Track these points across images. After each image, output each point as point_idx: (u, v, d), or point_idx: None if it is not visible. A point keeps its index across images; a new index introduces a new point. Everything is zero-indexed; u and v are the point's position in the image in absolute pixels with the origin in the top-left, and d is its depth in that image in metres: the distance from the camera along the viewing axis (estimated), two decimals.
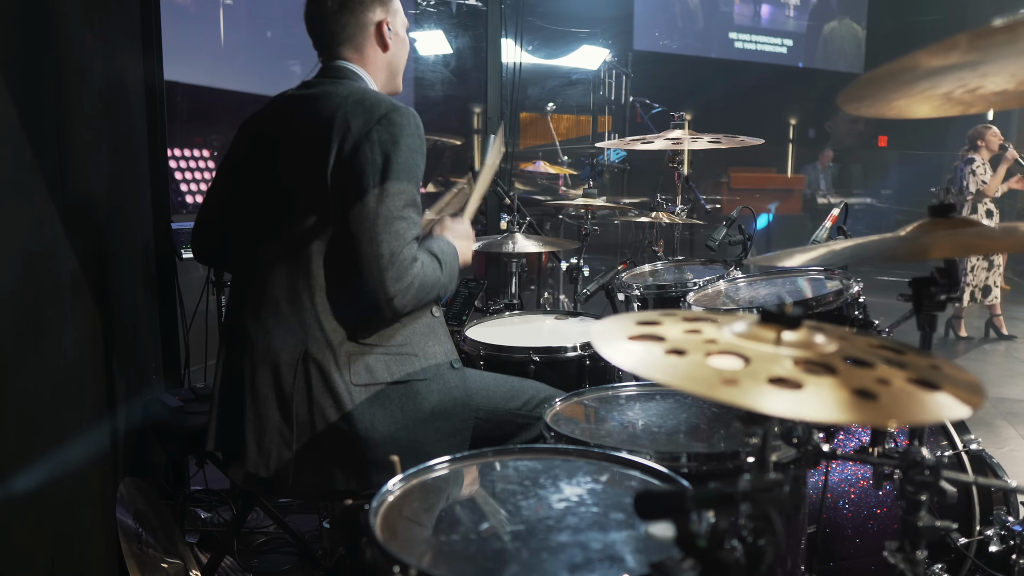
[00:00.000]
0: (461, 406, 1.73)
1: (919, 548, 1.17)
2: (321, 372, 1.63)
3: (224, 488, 2.83)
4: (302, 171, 1.66)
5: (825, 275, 2.06)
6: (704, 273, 2.45)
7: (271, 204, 1.72)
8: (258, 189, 1.75)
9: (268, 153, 1.74)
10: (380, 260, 1.58)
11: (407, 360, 1.70)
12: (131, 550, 1.85)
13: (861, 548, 1.87)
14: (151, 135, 2.67)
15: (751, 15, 11.49)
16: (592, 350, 2.15)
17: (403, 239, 1.60)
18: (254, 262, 1.74)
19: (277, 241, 1.69)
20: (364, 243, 1.58)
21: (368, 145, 1.60)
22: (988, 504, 1.96)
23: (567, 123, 8.13)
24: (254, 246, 1.74)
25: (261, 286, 1.71)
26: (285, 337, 1.65)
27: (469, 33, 5.35)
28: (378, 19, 1.78)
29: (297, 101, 1.75)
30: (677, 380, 0.79)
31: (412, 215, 1.64)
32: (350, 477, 1.65)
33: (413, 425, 1.67)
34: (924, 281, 1.29)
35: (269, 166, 1.73)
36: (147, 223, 2.66)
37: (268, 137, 1.76)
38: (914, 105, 1.22)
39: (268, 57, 8.05)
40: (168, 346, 2.79)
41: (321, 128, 1.64)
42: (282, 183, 1.70)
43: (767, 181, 10.76)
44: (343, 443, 1.63)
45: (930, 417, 0.77)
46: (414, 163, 1.65)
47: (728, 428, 1.55)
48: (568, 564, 0.94)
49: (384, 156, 1.60)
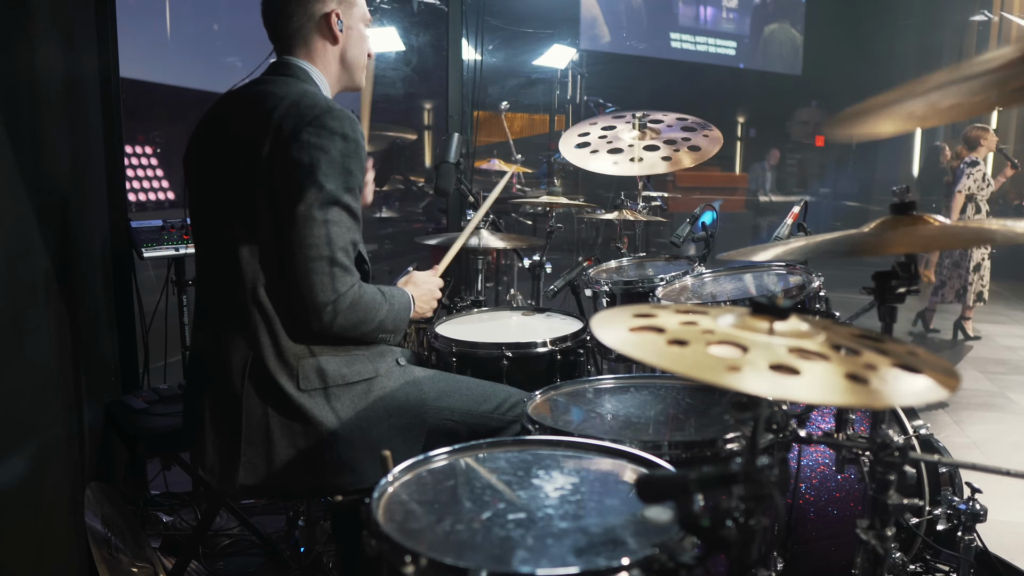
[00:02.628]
0: (413, 402, 1.73)
1: (888, 525, 1.25)
2: (270, 377, 1.60)
3: (186, 491, 2.79)
4: (233, 173, 1.62)
5: (787, 270, 2.15)
6: (669, 269, 2.52)
7: (211, 206, 1.69)
8: (202, 191, 1.72)
9: (206, 153, 1.72)
10: (308, 264, 1.54)
11: (359, 360, 1.69)
12: (102, 555, 1.82)
13: (823, 531, 1.96)
14: (107, 132, 2.61)
15: (693, 17, 11.77)
16: (562, 345, 2.20)
17: (333, 244, 1.56)
18: (203, 266, 1.73)
19: (218, 245, 1.66)
20: (295, 247, 1.54)
21: (297, 147, 1.55)
22: (936, 485, 2.08)
23: (521, 122, 8.18)
24: (203, 249, 1.73)
25: (209, 289, 1.71)
26: (233, 341, 1.62)
27: (430, 31, 5.35)
28: (327, 9, 1.71)
29: (237, 100, 1.71)
30: (684, 368, 0.84)
31: (344, 219, 1.59)
32: (306, 480, 1.65)
33: (367, 424, 1.66)
34: (885, 275, 1.37)
35: (208, 166, 1.70)
36: (104, 221, 2.59)
37: (207, 137, 1.73)
38: (881, 124, 1.30)
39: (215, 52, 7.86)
40: (126, 346, 2.73)
41: (253, 129, 1.59)
42: (217, 185, 1.67)
43: (711, 179, 11.02)
44: (297, 446, 1.62)
45: (916, 399, 0.83)
46: (347, 167, 1.59)
47: (702, 417, 1.61)
48: (573, 548, 0.98)
49: (312, 159, 1.54)
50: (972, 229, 1.30)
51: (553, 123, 7.22)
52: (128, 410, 2.28)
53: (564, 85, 6.56)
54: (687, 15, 11.69)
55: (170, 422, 2.22)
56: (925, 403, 0.83)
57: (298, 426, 1.61)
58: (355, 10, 1.78)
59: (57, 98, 1.95)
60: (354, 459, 1.63)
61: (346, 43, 1.77)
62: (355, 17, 1.78)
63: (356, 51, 1.81)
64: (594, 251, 5.49)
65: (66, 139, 2.04)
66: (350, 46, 1.79)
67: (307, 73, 1.73)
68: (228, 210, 1.64)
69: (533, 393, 1.72)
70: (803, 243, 1.39)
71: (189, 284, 2.73)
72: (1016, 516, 2.93)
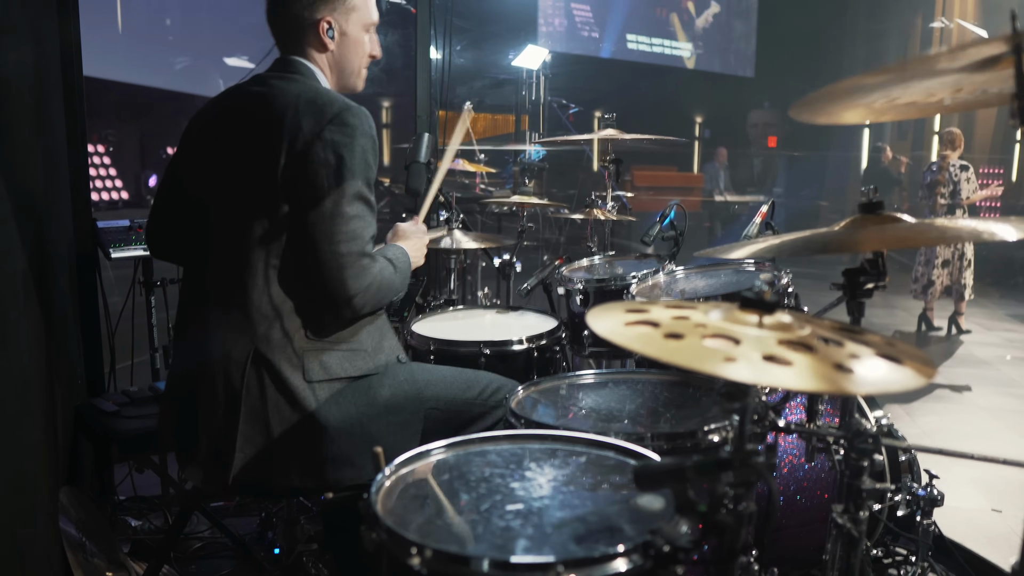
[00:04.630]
0: (411, 399, 1.76)
1: (862, 509, 1.31)
2: (274, 370, 1.62)
3: (155, 495, 2.74)
4: (251, 170, 1.64)
5: (756, 267, 2.22)
6: (640, 267, 2.57)
7: (221, 201, 1.69)
8: (208, 185, 1.72)
9: (216, 150, 1.71)
10: (339, 259, 1.59)
11: (361, 356, 1.72)
12: (77, 560, 1.79)
13: (792, 519, 2.03)
14: (71, 130, 2.55)
15: (649, 19, 11.96)
16: (538, 342, 2.23)
17: (361, 238, 1.62)
18: (205, 260, 1.72)
19: (227, 239, 1.67)
20: (322, 243, 1.59)
21: (320, 145, 1.59)
22: (897, 472, 2.18)
23: (484, 122, 8.22)
24: (205, 244, 1.72)
25: (211, 284, 1.70)
26: (235, 335, 1.63)
27: (398, 31, 5.34)
28: (317, 18, 1.72)
29: (247, 97, 1.72)
30: (683, 360, 0.88)
31: (367, 214, 1.65)
32: (307, 474, 1.66)
33: (367, 420, 1.68)
34: (855, 271, 1.43)
35: (218, 163, 1.70)
36: (69, 221, 2.54)
37: (217, 133, 1.73)
38: (844, 112, 1.37)
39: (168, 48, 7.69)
40: (91, 348, 2.68)
41: (271, 126, 1.62)
42: (231, 181, 1.68)
43: (668, 179, 11.23)
44: (299, 440, 1.64)
45: (900, 386, 0.88)
46: (367, 162, 1.64)
47: (680, 410, 1.67)
48: (573, 536, 1.01)
49: (337, 156, 1.59)
50: (937, 227, 1.38)
51: (519, 123, 7.29)
52: (99, 413, 2.24)
53: (530, 86, 6.63)
54: (643, 17, 11.88)
55: (142, 424, 2.19)
56: (904, 391, 0.88)
57: (299, 419, 1.63)
58: (354, 15, 1.77)
59: (30, 95, 1.91)
60: (354, 454, 1.65)
61: (338, 50, 1.78)
62: (354, 23, 1.78)
63: (350, 57, 1.81)
64: (559, 250, 5.55)
65: (37, 138, 2.00)
66: (342, 53, 1.79)
67: (312, 72, 1.75)
68: (240, 206, 1.65)
69: (508, 388, 1.75)
70: (778, 241, 1.45)
71: (157, 285, 2.69)
72: (965, 503, 3.08)
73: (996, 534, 2.84)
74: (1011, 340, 6.41)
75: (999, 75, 1.05)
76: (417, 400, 1.77)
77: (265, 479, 1.65)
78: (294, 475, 1.65)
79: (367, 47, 1.84)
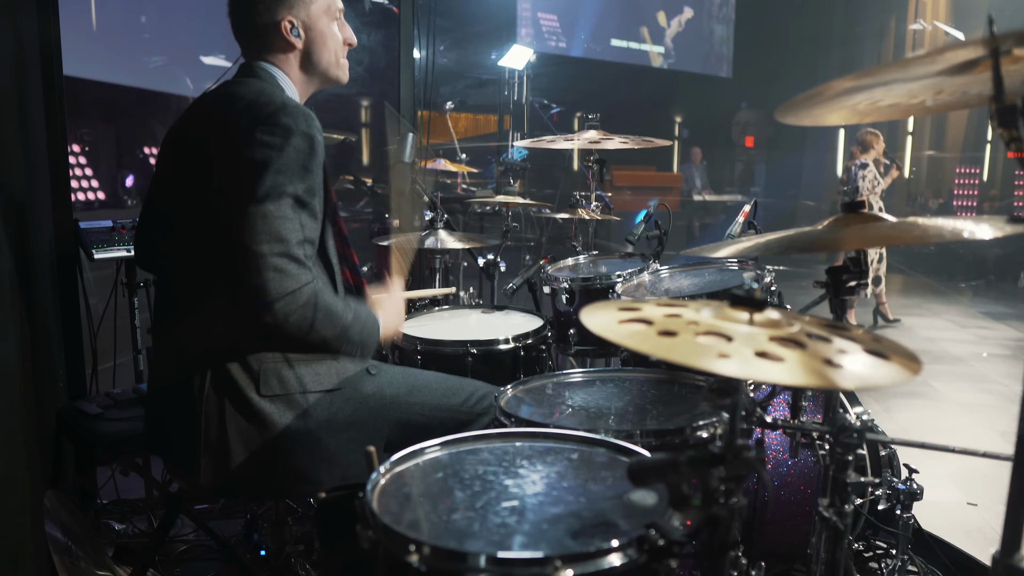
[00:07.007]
0: (376, 415, 1.72)
1: (847, 502, 1.34)
2: (230, 382, 1.59)
3: (139, 498, 2.72)
4: (198, 177, 1.61)
5: (739, 266, 2.25)
6: (624, 266, 2.60)
7: (176, 208, 1.69)
8: (169, 194, 1.72)
9: (174, 161, 1.71)
10: (259, 259, 1.48)
11: (322, 367, 1.68)
12: (63, 564, 1.77)
13: (775, 513, 2.06)
14: (51, 128, 2.52)
15: (628, 20, 12.03)
16: (525, 342, 2.25)
17: (286, 240, 1.51)
18: (165, 269, 1.73)
19: (185, 249, 1.65)
20: (243, 242, 1.49)
21: (250, 144, 1.53)
22: (878, 467, 2.22)
23: (465, 122, 8.22)
24: (166, 252, 1.72)
25: (170, 292, 1.71)
26: (196, 346, 1.61)
27: (381, 31, 5.33)
28: (277, 19, 1.68)
29: (205, 102, 1.72)
30: (678, 356, 0.89)
31: (299, 217, 1.54)
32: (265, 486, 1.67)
33: (326, 436, 1.65)
34: (838, 269, 1.47)
35: (176, 173, 1.70)
36: (49, 221, 2.51)
37: (176, 144, 1.73)
38: (828, 115, 1.40)
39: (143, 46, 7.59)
40: (72, 350, 2.65)
41: (211, 130, 1.61)
42: (185, 191, 1.65)
43: (647, 179, 11.28)
44: (256, 452, 1.61)
45: (888, 381, 0.91)
46: (302, 164, 1.56)
47: (668, 407, 1.69)
48: (568, 532, 1.03)
49: (264, 155, 1.52)
50: (919, 226, 1.41)
51: (502, 123, 7.30)
52: (82, 415, 2.21)
53: (512, 86, 6.64)
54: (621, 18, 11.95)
55: (127, 427, 2.17)
56: (892, 385, 0.91)
57: (254, 430, 1.61)
58: (315, 7, 1.71)
59: (13, 92, 1.89)
60: (309, 468, 1.63)
61: (307, 47, 1.73)
62: (316, 15, 1.71)
63: (321, 51, 1.75)
64: (541, 249, 5.57)
65: (20, 136, 1.98)
66: (312, 49, 1.74)
67: (271, 75, 1.71)
68: (192, 214, 1.63)
69: (504, 388, 1.76)
70: (763, 240, 1.48)
71: (140, 286, 2.67)
72: (941, 496, 3.14)
73: (972, 527, 2.90)
74: (984, 337, 6.54)
75: (978, 78, 1.08)
76: (380, 416, 1.74)
77: (226, 486, 1.65)
78: (249, 485, 1.65)
79: (338, 36, 1.78)
